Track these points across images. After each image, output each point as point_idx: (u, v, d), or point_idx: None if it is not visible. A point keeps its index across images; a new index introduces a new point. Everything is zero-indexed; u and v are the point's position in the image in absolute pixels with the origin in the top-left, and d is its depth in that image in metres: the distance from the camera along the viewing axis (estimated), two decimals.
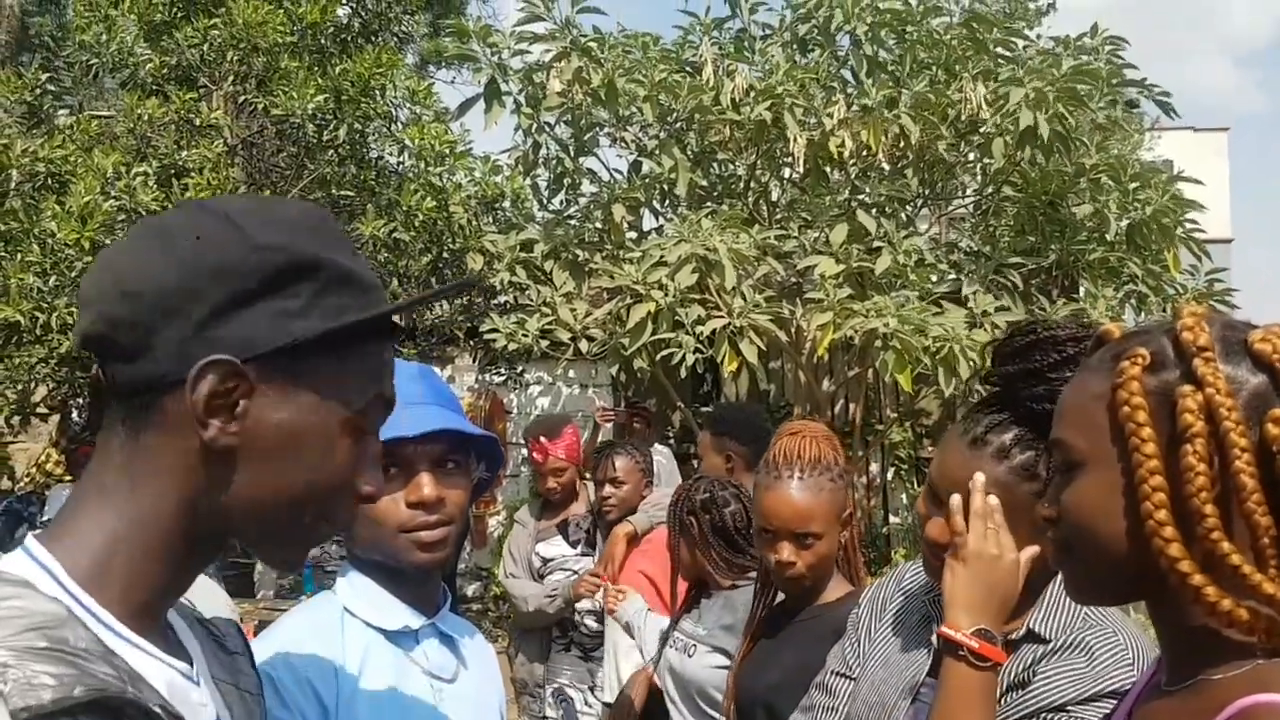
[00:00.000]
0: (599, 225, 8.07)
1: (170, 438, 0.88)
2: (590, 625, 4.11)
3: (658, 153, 7.74)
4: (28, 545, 0.87)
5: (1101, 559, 1.02)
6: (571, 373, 9.12)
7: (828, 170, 7.99)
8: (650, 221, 8.55)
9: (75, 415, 7.90)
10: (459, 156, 7.42)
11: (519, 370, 8.70)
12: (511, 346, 7.31)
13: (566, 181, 8.25)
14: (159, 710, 0.80)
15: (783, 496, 2.21)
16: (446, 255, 7.57)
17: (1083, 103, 7.29)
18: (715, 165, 8.50)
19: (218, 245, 0.88)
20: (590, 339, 7.39)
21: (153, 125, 6.53)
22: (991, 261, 7.57)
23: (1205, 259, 8.02)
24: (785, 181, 8.54)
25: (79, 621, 0.81)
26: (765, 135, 7.46)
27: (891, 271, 6.91)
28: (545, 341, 7.35)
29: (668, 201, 8.27)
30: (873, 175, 7.99)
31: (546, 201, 8.49)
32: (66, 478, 7.08)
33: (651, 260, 6.72)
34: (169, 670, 0.88)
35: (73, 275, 5.96)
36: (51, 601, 0.81)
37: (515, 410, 9.11)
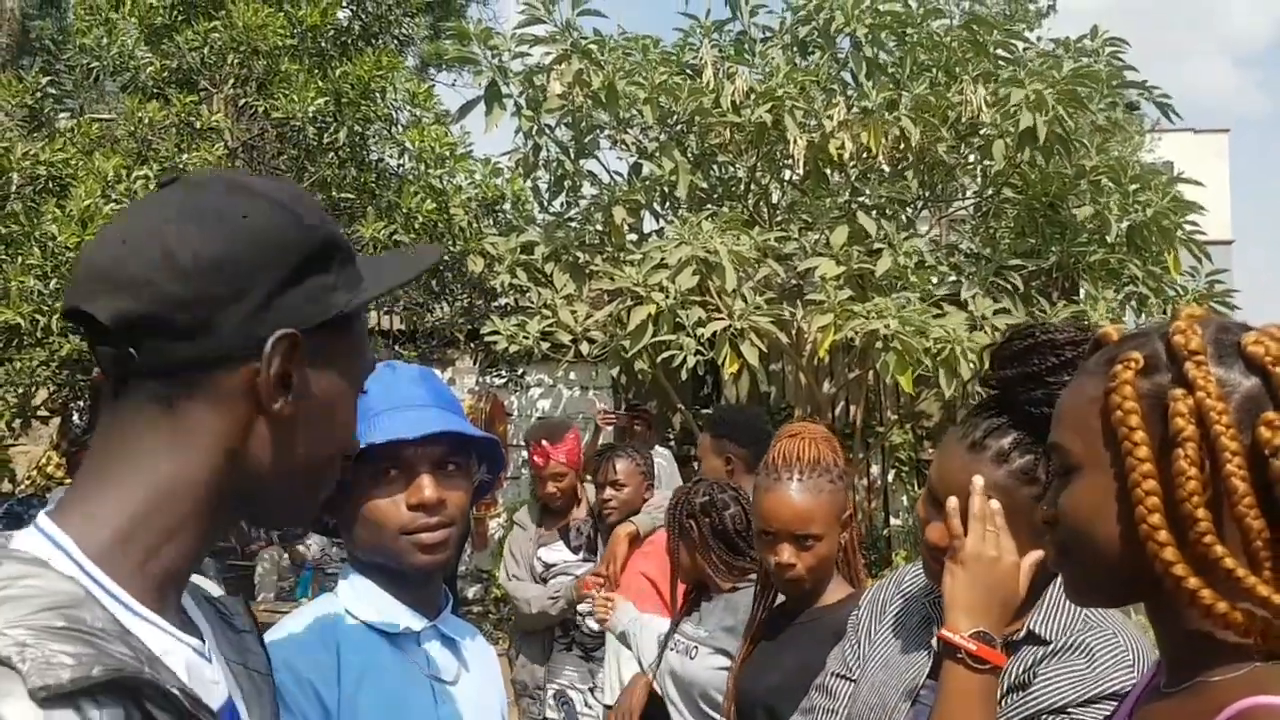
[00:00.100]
0: (599, 227, 8.08)
1: (219, 412, 0.89)
2: (592, 625, 4.09)
3: (658, 155, 7.75)
4: (40, 524, 0.86)
5: (1098, 562, 1.02)
6: (572, 375, 9.12)
7: (828, 172, 8.00)
8: (651, 224, 8.57)
9: (76, 418, 7.89)
10: (459, 159, 7.42)
11: (520, 372, 8.70)
12: (512, 349, 7.31)
13: (567, 184, 8.25)
14: (177, 692, 0.80)
15: (782, 498, 2.21)
16: (447, 257, 7.57)
17: (1083, 105, 7.29)
18: (715, 167, 8.50)
19: (269, 224, 0.90)
20: (591, 341, 7.39)
21: (153, 128, 6.54)
22: (992, 264, 7.57)
23: (1206, 260, 8.01)
24: (786, 184, 8.54)
25: (96, 601, 0.81)
26: (765, 137, 7.47)
27: (892, 273, 6.91)
28: (546, 344, 7.35)
29: (668, 204, 8.28)
30: (873, 177, 7.99)
31: (547, 204, 8.50)
32: (67, 481, 7.07)
33: (652, 262, 6.72)
34: (185, 648, 0.88)
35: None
36: (68, 580, 0.81)
37: (516, 412, 9.11)
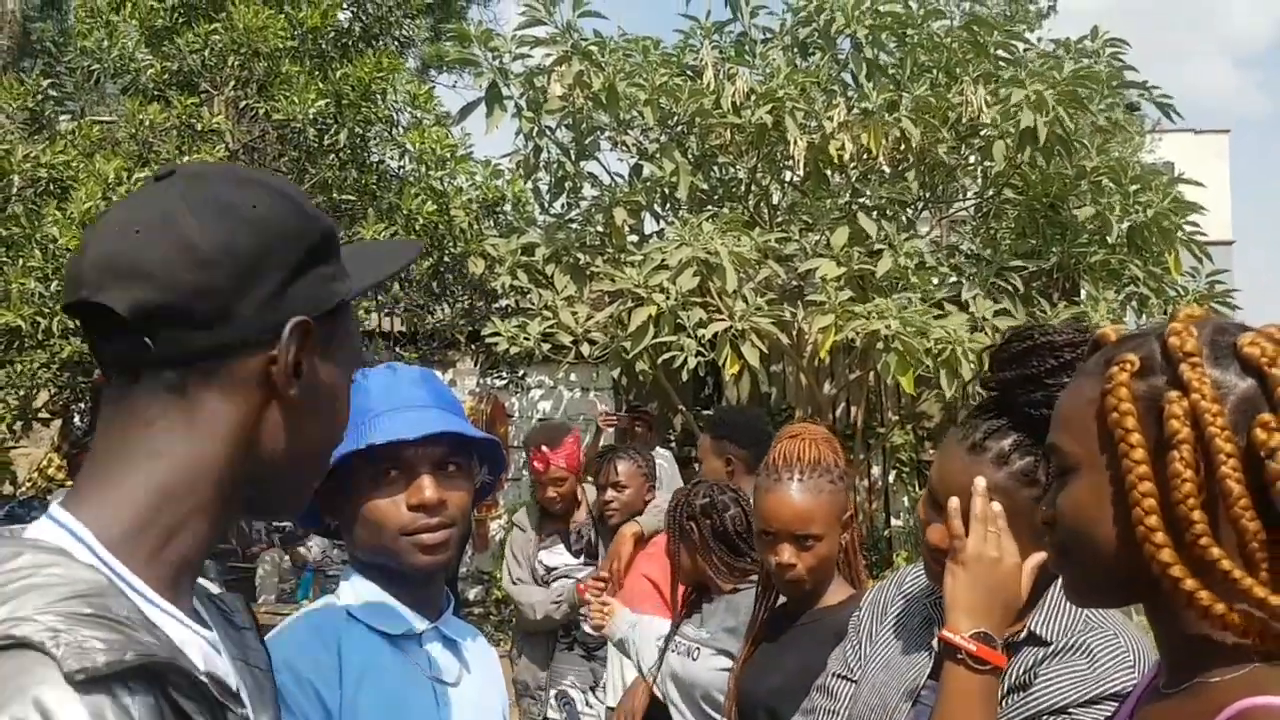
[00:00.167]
0: (600, 229, 8.08)
1: (234, 400, 0.90)
2: (592, 629, 4.09)
3: (658, 156, 7.75)
4: (55, 514, 0.86)
5: (1096, 563, 1.02)
6: (573, 376, 9.12)
7: (828, 173, 8.00)
8: (651, 225, 8.57)
9: (77, 420, 7.91)
10: (460, 160, 7.42)
11: (520, 374, 8.70)
12: (513, 350, 7.32)
13: (567, 185, 8.27)
14: (205, 679, 0.81)
15: (783, 498, 2.21)
16: (447, 259, 7.58)
17: (1083, 105, 7.30)
18: (716, 169, 8.51)
19: (277, 214, 0.91)
20: (592, 342, 7.40)
21: (154, 131, 6.54)
22: (992, 265, 7.58)
23: (1206, 261, 8.02)
24: (786, 185, 8.55)
25: (119, 590, 0.81)
26: (766, 138, 7.47)
27: (893, 274, 6.92)
28: (547, 345, 7.36)
29: (669, 205, 8.28)
30: (873, 178, 8.00)
31: (548, 205, 8.51)
32: (68, 483, 7.08)
33: (653, 264, 6.73)
34: (200, 639, 0.88)
35: None
36: (90, 569, 0.81)
37: (517, 414, 9.11)
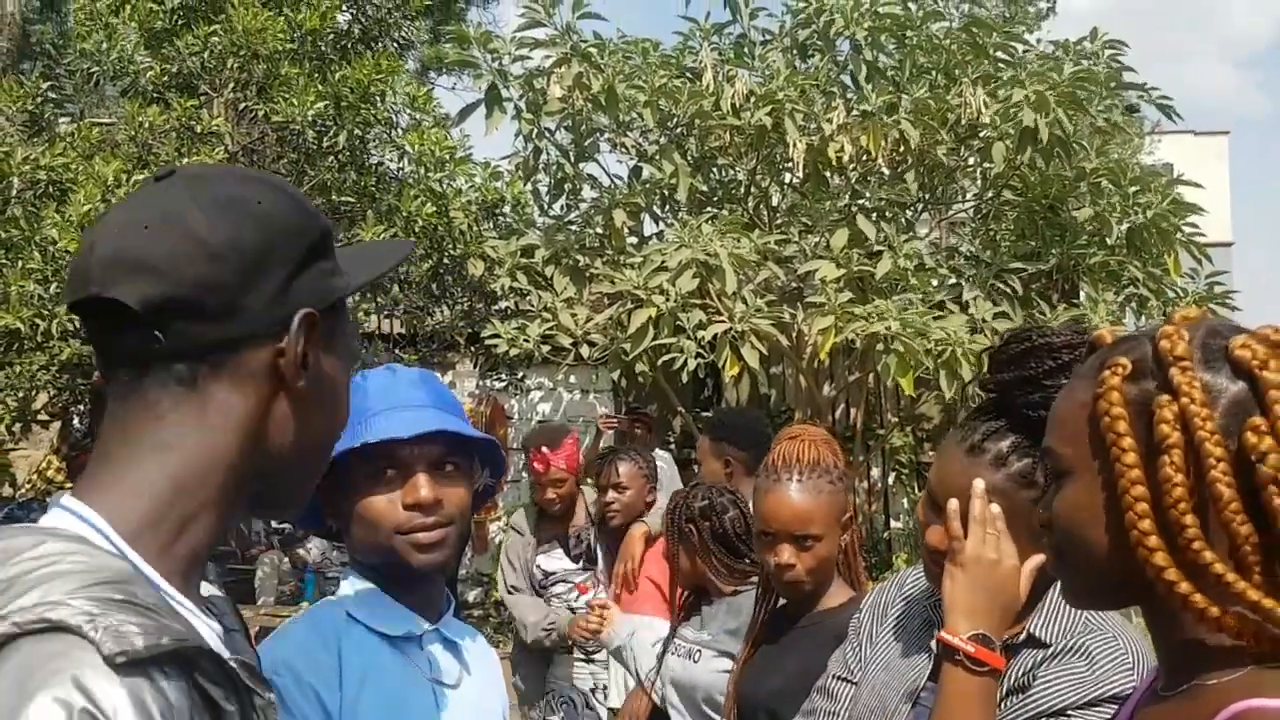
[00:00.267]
0: (600, 230, 8.09)
1: (243, 392, 0.91)
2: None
3: (658, 158, 7.76)
4: (68, 504, 0.86)
5: (1092, 566, 1.02)
6: (573, 378, 9.12)
7: (828, 175, 8.01)
8: (651, 227, 8.58)
9: (76, 422, 7.90)
10: (459, 162, 7.41)
11: (520, 376, 8.70)
12: (513, 352, 7.32)
13: (567, 187, 8.27)
14: (235, 664, 0.81)
15: (782, 498, 2.22)
16: (447, 261, 7.57)
17: (1082, 107, 7.30)
18: (715, 170, 8.52)
19: (280, 210, 0.93)
20: (591, 344, 7.40)
21: (154, 133, 6.54)
22: (992, 267, 7.58)
23: (1206, 262, 8.02)
24: (785, 186, 8.55)
25: (143, 577, 0.81)
26: (765, 140, 7.48)
27: (892, 275, 6.92)
28: (546, 347, 7.36)
29: (668, 207, 8.29)
30: (872, 180, 8.00)
31: (547, 207, 8.51)
32: (68, 485, 7.07)
33: (652, 265, 6.73)
34: (210, 631, 0.89)
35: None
36: (114, 557, 0.81)
37: (516, 416, 9.11)
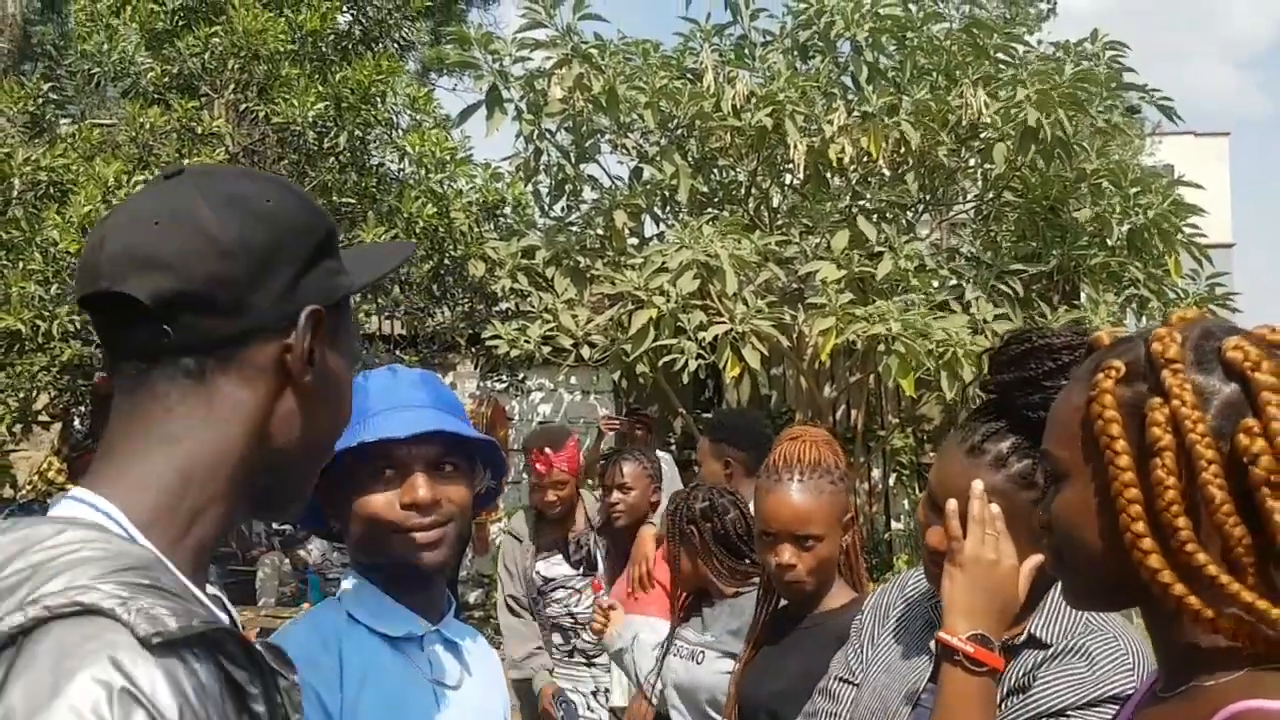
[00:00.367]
0: (600, 232, 8.09)
1: (250, 386, 0.92)
2: (590, 637, 4.06)
3: (659, 159, 7.76)
4: (80, 495, 0.86)
5: (1090, 568, 1.02)
6: (573, 379, 9.12)
7: (828, 176, 8.01)
8: (651, 228, 8.58)
9: (77, 423, 7.90)
10: (460, 163, 7.41)
11: (521, 377, 8.69)
12: (513, 353, 7.31)
13: (568, 188, 8.27)
14: (260, 648, 0.82)
15: (782, 498, 2.22)
16: (448, 262, 7.57)
17: (1083, 108, 7.30)
18: (716, 171, 8.52)
19: (289, 209, 0.95)
20: (592, 345, 7.39)
21: (154, 134, 6.54)
22: (993, 268, 7.58)
23: (1207, 263, 8.02)
24: (786, 188, 8.55)
25: (163, 564, 0.82)
26: (766, 141, 7.48)
27: (893, 277, 6.92)
28: (547, 348, 7.36)
29: (669, 208, 8.29)
30: (873, 181, 8.00)
31: (548, 208, 8.51)
32: (68, 486, 7.04)
33: (653, 266, 6.73)
34: (224, 620, 0.89)
35: (73, 284, 5.94)
36: (135, 544, 0.81)
37: (517, 417, 9.11)
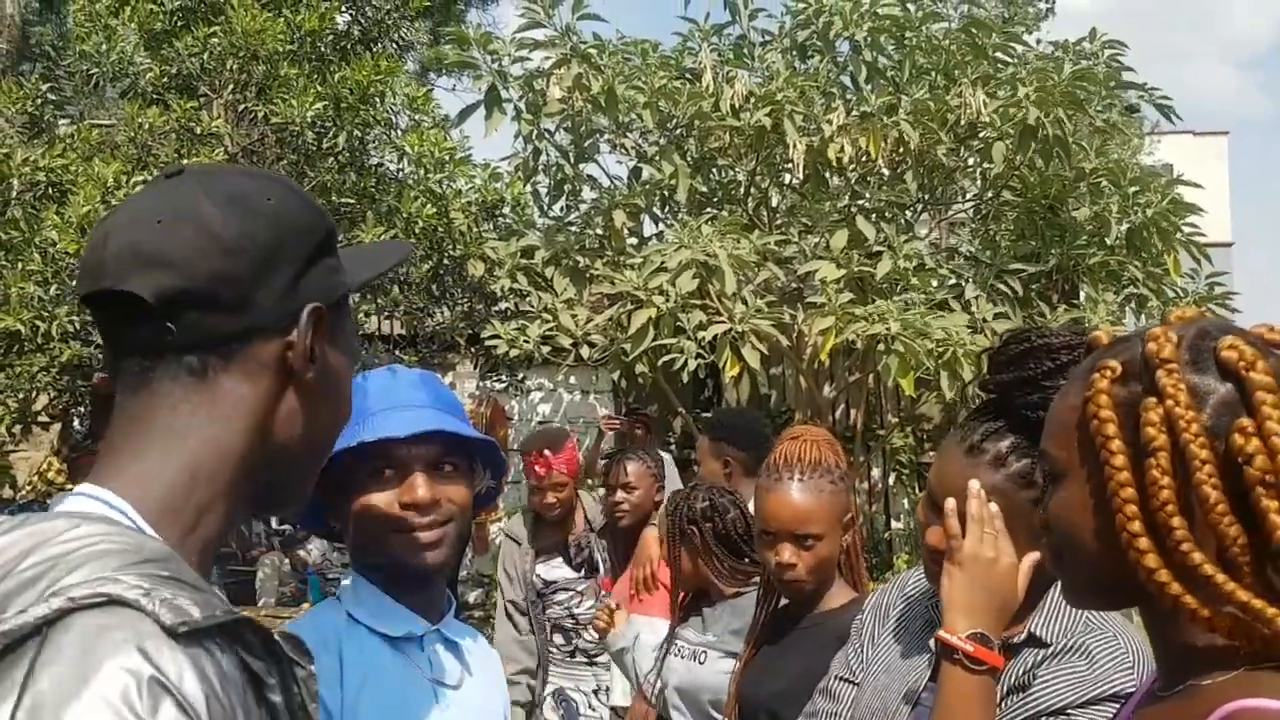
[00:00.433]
0: (599, 231, 8.09)
1: (253, 383, 0.92)
2: (592, 635, 4.06)
3: (658, 159, 7.76)
4: (88, 490, 0.86)
5: (1088, 567, 1.03)
6: (573, 379, 9.12)
7: (827, 176, 8.01)
8: (651, 228, 8.58)
9: (77, 424, 7.89)
10: (459, 163, 7.41)
11: (520, 377, 8.69)
12: (513, 353, 7.31)
13: (567, 188, 8.27)
14: (279, 638, 0.82)
15: (783, 498, 2.22)
16: (447, 262, 7.57)
17: (1082, 107, 7.30)
18: (715, 171, 8.52)
19: (290, 208, 0.95)
20: (591, 345, 7.39)
21: (153, 134, 6.54)
22: (992, 267, 7.58)
23: (1206, 262, 8.03)
24: (785, 187, 8.56)
25: (178, 556, 0.82)
26: (765, 141, 7.48)
27: (892, 276, 6.92)
28: (546, 348, 7.36)
29: (668, 207, 8.29)
30: (872, 181, 8.01)
31: (547, 208, 8.51)
32: (68, 486, 7.05)
33: (652, 266, 6.73)
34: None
35: (74, 284, 5.96)
36: (149, 538, 0.81)
37: (517, 417, 9.11)
